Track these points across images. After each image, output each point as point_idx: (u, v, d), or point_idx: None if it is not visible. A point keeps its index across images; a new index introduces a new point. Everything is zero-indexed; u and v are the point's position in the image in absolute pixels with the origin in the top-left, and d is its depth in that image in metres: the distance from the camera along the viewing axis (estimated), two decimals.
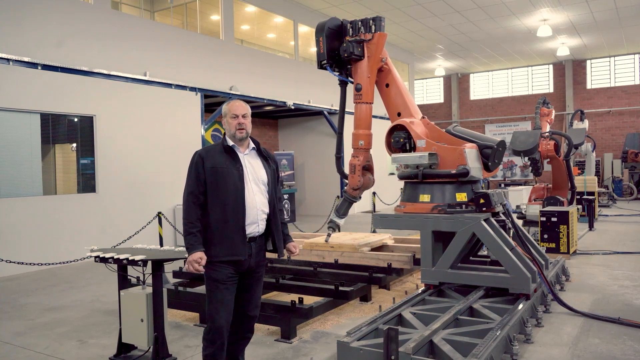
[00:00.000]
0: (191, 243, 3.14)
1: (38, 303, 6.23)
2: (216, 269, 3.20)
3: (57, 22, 8.88)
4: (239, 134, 3.27)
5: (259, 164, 3.37)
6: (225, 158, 3.25)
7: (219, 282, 3.20)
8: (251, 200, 3.24)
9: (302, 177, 17.14)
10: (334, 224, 5.58)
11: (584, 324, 4.77)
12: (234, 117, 3.27)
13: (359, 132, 5.41)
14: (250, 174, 3.28)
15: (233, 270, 3.23)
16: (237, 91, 12.29)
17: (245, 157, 3.32)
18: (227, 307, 3.23)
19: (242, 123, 3.26)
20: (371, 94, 5.38)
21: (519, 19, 16.18)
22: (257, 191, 3.29)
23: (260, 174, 3.33)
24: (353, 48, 5.18)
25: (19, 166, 8.38)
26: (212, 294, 3.24)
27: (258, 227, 3.28)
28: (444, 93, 26.23)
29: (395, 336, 3.24)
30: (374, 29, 5.26)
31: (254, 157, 3.38)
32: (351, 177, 5.41)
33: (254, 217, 3.25)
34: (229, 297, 3.23)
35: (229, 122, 3.28)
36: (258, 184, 3.30)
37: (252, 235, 3.27)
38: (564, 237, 7.81)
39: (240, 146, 3.32)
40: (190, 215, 3.17)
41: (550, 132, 9.72)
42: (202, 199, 3.20)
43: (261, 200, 3.29)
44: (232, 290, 3.25)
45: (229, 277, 3.22)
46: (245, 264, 3.26)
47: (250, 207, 3.23)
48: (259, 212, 3.27)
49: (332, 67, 5.40)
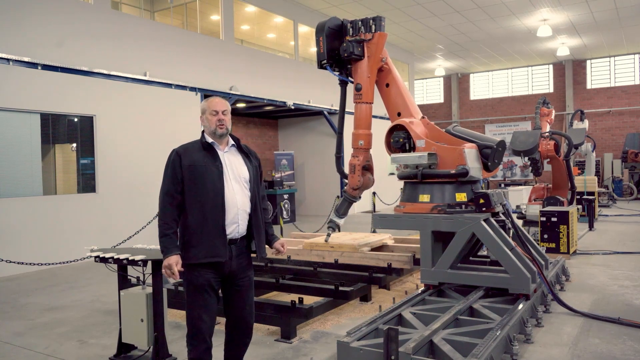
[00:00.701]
0: (165, 246, 3.01)
1: (38, 303, 6.23)
2: (196, 272, 3.06)
3: (57, 22, 8.89)
4: (219, 130, 3.14)
5: (240, 161, 3.23)
6: (203, 155, 3.11)
7: (199, 286, 3.06)
8: (232, 199, 3.09)
9: (302, 177, 17.14)
10: (334, 223, 5.58)
11: (584, 324, 4.77)
12: (214, 113, 3.14)
13: (358, 132, 5.41)
14: (230, 172, 3.14)
15: (214, 273, 3.08)
16: (237, 91, 12.29)
17: (225, 154, 3.19)
18: (210, 311, 3.10)
19: (222, 119, 3.14)
20: (371, 93, 5.38)
21: (519, 19, 16.18)
22: (239, 190, 3.14)
23: (242, 172, 3.19)
24: (353, 48, 5.17)
25: (19, 166, 8.38)
26: (193, 299, 3.09)
27: (239, 227, 3.13)
28: (444, 93, 26.23)
29: (395, 336, 3.24)
30: (374, 29, 5.26)
31: (234, 154, 3.25)
32: (351, 177, 5.41)
33: (234, 217, 3.09)
34: (211, 301, 3.09)
35: (209, 118, 3.15)
36: (239, 182, 3.16)
37: (233, 236, 3.11)
38: (564, 237, 7.81)
39: (220, 143, 3.19)
40: (166, 216, 3.04)
41: (550, 132, 9.72)
42: (179, 199, 3.06)
43: (242, 200, 3.14)
44: (213, 294, 3.10)
45: (210, 281, 3.07)
46: (226, 267, 3.10)
47: (231, 206, 3.08)
48: (240, 212, 3.12)
49: (332, 67, 5.40)
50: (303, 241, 7.35)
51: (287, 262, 6.78)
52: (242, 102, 13.68)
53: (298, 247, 7.27)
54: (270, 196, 14.20)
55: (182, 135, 11.14)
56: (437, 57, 21.66)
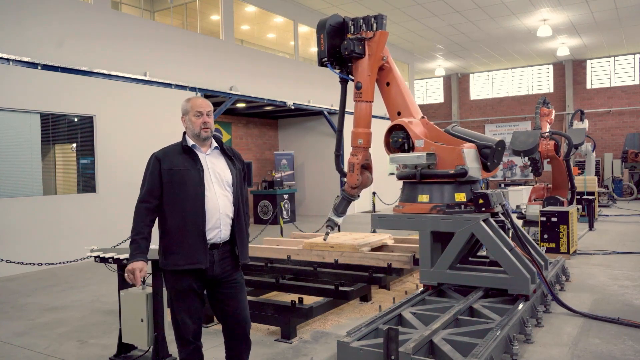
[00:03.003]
0: (132, 252, 2.96)
1: (38, 303, 6.23)
2: (177, 278, 2.99)
3: (57, 22, 8.89)
4: (204, 133, 3.02)
5: (223, 164, 3.10)
6: (183, 159, 3.00)
7: (181, 291, 2.99)
8: (213, 204, 2.97)
9: (302, 177, 17.15)
10: (333, 222, 5.57)
11: (584, 324, 4.77)
12: (197, 114, 3.03)
13: (358, 131, 5.39)
14: (212, 176, 3.02)
15: (195, 278, 2.99)
16: (237, 91, 12.29)
17: (207, 157, 3.07)
18: (194, 315, 3.03)
19: (207, 122, 3.03)
20: (371, 92, 5.36)
21: (519, 19, 16.18)
22: (221, 194, 3.01)
23: (225, 175, 3.06)
24: (354, 46, 5.15)
25: (19, 166, 8.38)
26: (176, 304, 3.02)
27: (221, 232, 3.00)
28: (444, 93, 26.22)
29: (395, 336, 3.24)
30: (375, 27, 5.23)
31: (216, 157, 3.12)
32: (350, 176, 5.40)
33: (215, 222, 2.97)
34: (193, 305, 3.02)
35: (192, 120, 3.02)
36: (222, 185, 3.03)
37: (214, 241, 2.99)
38: (564, 237, 7.81)
39: (202, 146, 3.07)
40: (137, 222, 2.99)
41: (550, 132, 9.72)
42: (156, 204, 3.00)
43: (225, 204, 3.01)
44: (196, 297, 3.03)
45: (192, 286, 3.00)
46: (208, 273, 2.99)
47: (213, 211, 2.96)
48: (222, 216, 2.99)
49: (332, 64, 5.37)
50: (303, 241, 7.36)
51: (287, 262, 6.78)
52: (242, 102, 13.68)
53: (298, 247, 7.28)
54: (270, 196, 14.21)
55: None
56: (437, 57, 21.66)
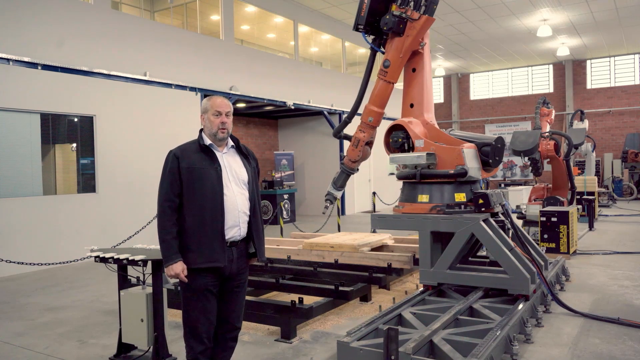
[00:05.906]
0: (167, 253, 2.93)
1: (38, 303, 6.23)
2: (194, 277, 2.97)
3: (57, 22, 8.89)
4: (220, 133, 3.04)
5: (239, 163, 3.14)
6: (201, 158, 3.01)
7: (197, 290, 2.99)
8: (232, 202, 3.01)
9: (302, 177, 17.15)
10: (332, 196, 5.54)
11: (584, 324, 4.77)
12: (216, 114, 3.04)
13: (372, 109, 5.31)
14: (230, 174, 3.06)
15: (212, 277, 3.01)
16: (237, 91, 12.29)
17: (224, 155, 3.10)
18: (209, 315, 3.04)
19: (225, 122, 3.04)
20: (397, 74, 5.23)
21: (519, 19, 16.18)
22: (239, 192, 3.05)
23: (241, 174, 3.10)
24: (394, 24, 5.00)
25: (19, 166, 8.38)
26: (191, 303, 3.02)
27: (240, 230, 3.05)
28: (444, 93, 26.23)
29: (395, 336, 3.24)
30: (423, 10, 5.10)
31: (233, 156, 3.15)
32: (352, 150, 5.37)
33: (235, 220, 3.01)
34: (209, 305, 3.03)
35: (211, 119, 3.04)
36: (239, 184, 3.07)
37: (234, 239, 3.03)
38: (564, 237, 7.81)
39: (219, 145, 3.10)
40: (165, 221, 2.95)
41: (550, 132, 9.72)
42: (178, 202, 2.98)
43: (242, 202, 3.06)
44: (212, 297, 3.04)
45: (208, 285, 3.00)
46: (226, 271, 3.03)
47: (231, 209, 3.00)
48: (240, 215, 3.03)
49: (367, 32, 5.24)
50: (303, 241, 7.35)
51: (287, 262, 6.78)
52: (242, 102, 13.68)
53: (298, 247, 7.27)
54: (270, 196, 14.21)
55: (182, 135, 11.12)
56: (437, 57, 21.65)
